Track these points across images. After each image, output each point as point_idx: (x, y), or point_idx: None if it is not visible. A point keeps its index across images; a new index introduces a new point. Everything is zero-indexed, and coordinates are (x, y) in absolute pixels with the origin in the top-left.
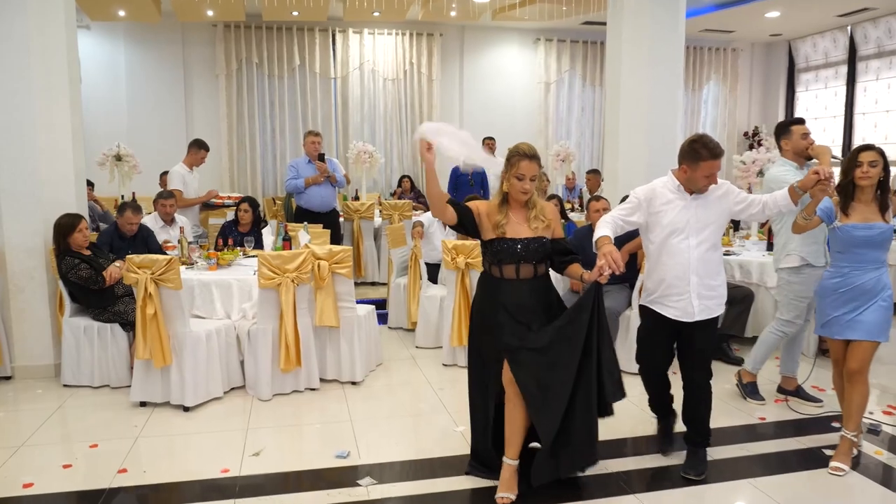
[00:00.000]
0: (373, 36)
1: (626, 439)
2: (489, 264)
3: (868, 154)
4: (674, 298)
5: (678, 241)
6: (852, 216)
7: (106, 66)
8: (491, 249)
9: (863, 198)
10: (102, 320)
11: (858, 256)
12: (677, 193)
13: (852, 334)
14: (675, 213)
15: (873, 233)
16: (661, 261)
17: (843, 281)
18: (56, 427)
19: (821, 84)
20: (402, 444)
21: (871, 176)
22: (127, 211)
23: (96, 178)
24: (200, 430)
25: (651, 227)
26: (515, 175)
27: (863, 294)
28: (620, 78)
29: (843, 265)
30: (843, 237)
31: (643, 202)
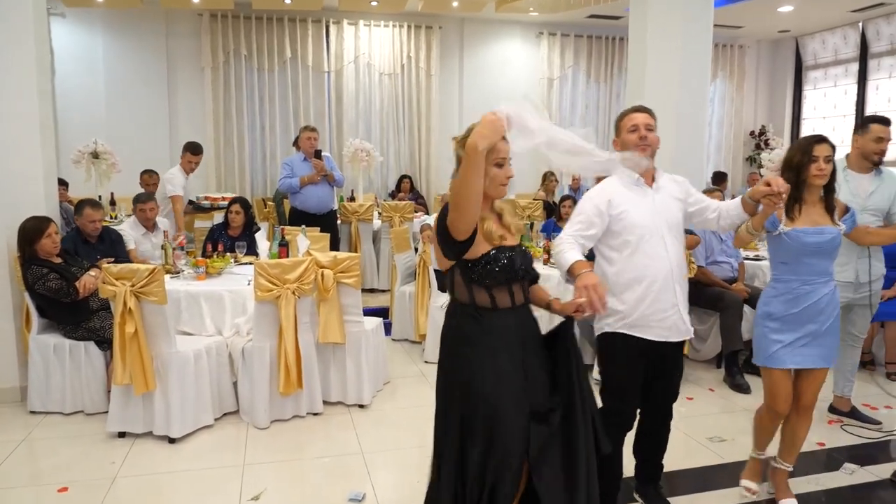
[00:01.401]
0: (369, 28)
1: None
2: (475, 289)
3: (824, 147)
4: (659, 315)
5: (654, 244)
6: (799, 220)
7: (82, 57)
8: (481, 267)
9: (809, 199)
10: (75, 338)
11: (808, 268)
12: (636, 188)
13: (809, 362)
14: (640, 210)
15: (824, 238)
16: (639, 273)
17: (796, 300)
18: (20, 465)
19: (830, 82)
20: (424, 481)
21: (826, 173)
22: (85, 208)
23: (71, 176)
24: (189, 467)
25: (615, 233)
26: (496, 161)
27: (819, 313)
28: (645, 70)
29: (790, 279)
30: (792, 245)
31: (600, 206)
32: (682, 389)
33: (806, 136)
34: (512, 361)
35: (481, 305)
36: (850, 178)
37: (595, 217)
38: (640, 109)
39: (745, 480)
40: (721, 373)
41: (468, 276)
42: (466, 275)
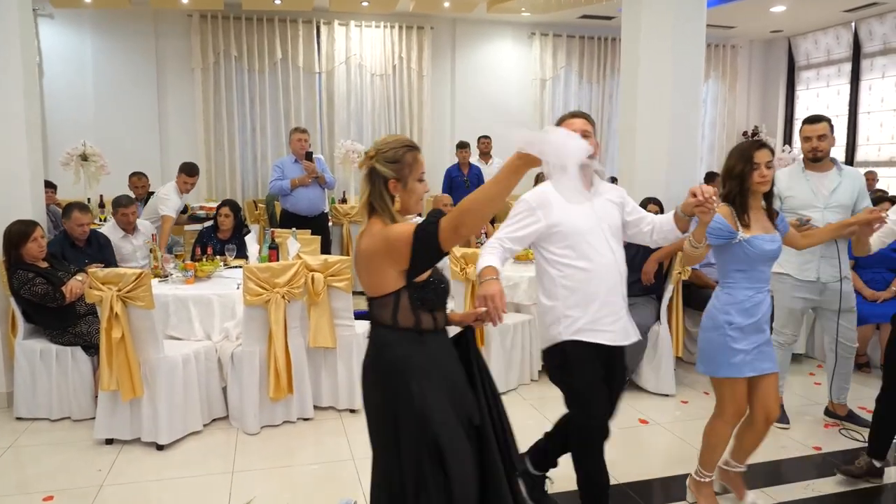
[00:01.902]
0: (360, 28)
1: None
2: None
3: (764, 153)
4: (610, 319)
5: (599, 247)
6: (753, 226)
7: (70, 59)
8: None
9: (755, 205)
10: (62, 343)
11: (760, 275)
12: None
13: (772, 366)
14: (580, 214)
15: (776, 246)
16: (585, 278)
17: (754, 308)
18: (6, 472)
19: (822, 82)
20: None
21: (770, 179)
22: (74, 211)
23: (60, 179)
24: (177, 475)
25: (557, 237)
26: (419, 176)
27: (764, 322)
28: (638, 70)
29: (746, 287)
30: (752, 252)
31: (537, 208)
32: (678, 392)
33: (743, 142)
34: (451, 378)
35: (426, 328)
36: (810, 178)
37: (528, 219)
38: (577, 115)
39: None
40: None
41: (418, 299)
42: (416, 298)
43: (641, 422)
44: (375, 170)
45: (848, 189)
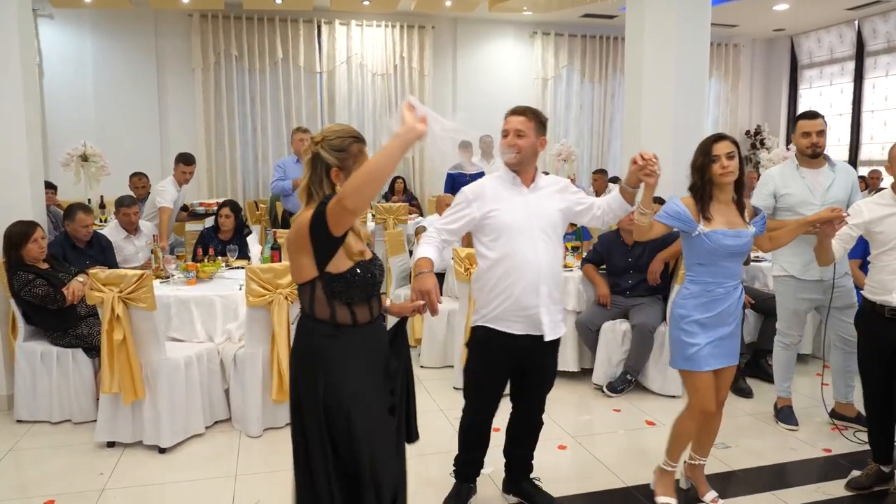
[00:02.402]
0: (361, 28)
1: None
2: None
3: (723, 145)
4: (521, 314)
5: (522, 243)
6: (715, 221)
7: (71, 59)
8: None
9: (722, 198)
10: (63, 345)
11: (723, 270)
12: (511, 188)
13: (731, 360)
14: (513, 209)
15: (741, 241)
16: (505, 271)
17: (713, 302)
18: (6, 476)
19: (825, 81)
20: (421, 491)
21: (732, 171)
22: (78, 213)
23: (60, 179)
24: (179, 478)
25: (487, 229)
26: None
27: (731, 314)
28: (642, 69)
29: (707, 281)
30: (711, 246)
31: (472, 201)
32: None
33: (708, 136)
34: (372, 377)
35: (342, 322)
36: (805, 175)
37: (464, 211)
38: (516, 112)
39: (662, 497)
40: None
41: (331, 291)
42: (329, 289)
43: (648, 423)
44: (319, 155)
45: (843, 185)
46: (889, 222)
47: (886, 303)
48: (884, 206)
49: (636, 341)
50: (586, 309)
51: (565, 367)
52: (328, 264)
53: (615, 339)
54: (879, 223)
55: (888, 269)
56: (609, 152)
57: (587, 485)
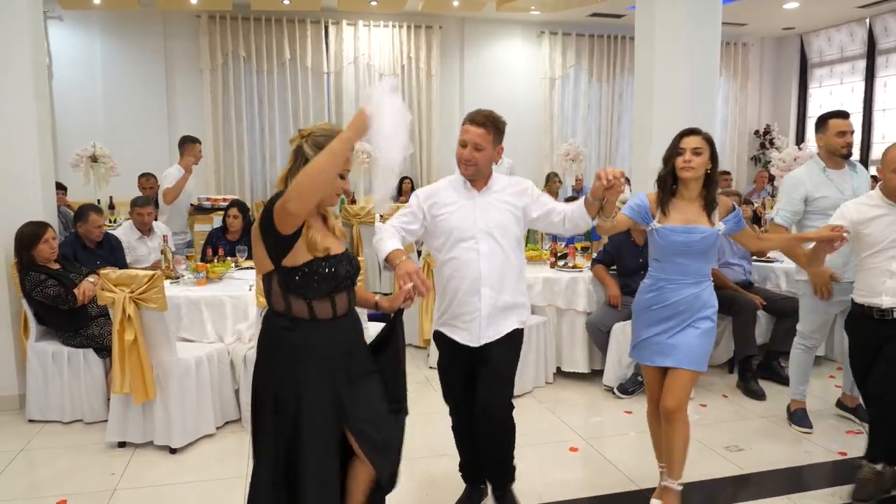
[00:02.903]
0: (368, 28)
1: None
2: (292, 299)
3: (692, 139)
4: (465, 318)
5: (466, 248)
6: (672, 216)
7: (80, 60)
8: (301, 276)
9: (686, 194)
10: (74, 345)
11: (678, 267)
12: (462, 191)
13: (664, 360)
14: (461, 212)
15: (693, 238)
16: (450, 274)
17: (658, 296)
18: (18, 475)
19: (836, 80)
20: (437, 497)
21: (693, 166)
22: (91, 214)
23: (70, 180)
24: (191, 479)
25: (436, 233)
26: (342, 172)
27: (678, 314)
28: (653, 69)
29: (659, 277)
30: (661, 242)
31: (423, 203)
32: (695, 395)
33: (682, 129)
34: (323, 374)
35: (298, 316)
36: (833, 178)
37: (417, 212)
38: (476, 122)
39: (655, 500)
40: (733, 378)
41: (286, 284)
42: (284, 283)
43: None
44: (302, 149)
45: (864, 185)
46: (877, 224)
47: (875, 305)
48: (872, 207)
49: None
50: (597, 310)
51: (575, 369)
52: (283, 258)
53: (626, 341)
54: (867, 224)
55: (876, 271)
56: (617, 152)
57: (599, 487)
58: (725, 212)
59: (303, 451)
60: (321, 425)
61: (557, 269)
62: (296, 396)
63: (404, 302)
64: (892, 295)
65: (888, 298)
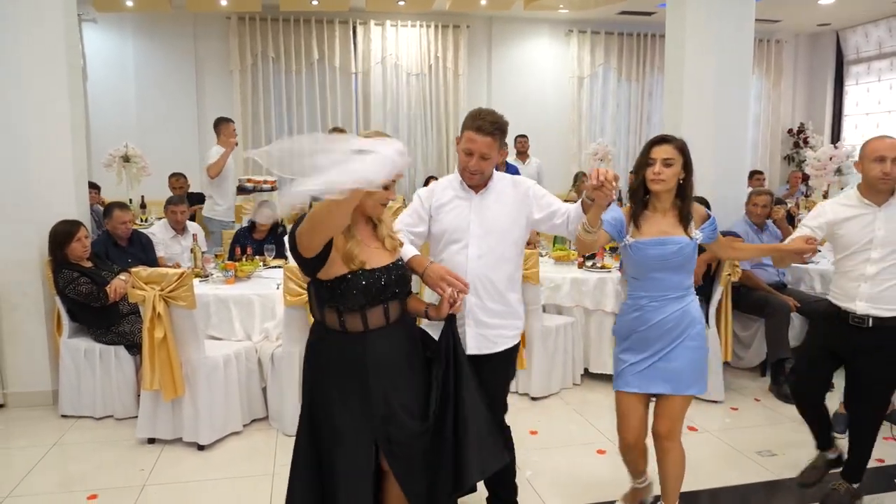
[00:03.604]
0: (396, 28)
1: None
2: (326, 311)
3: (662, 149)
4: (458, 322)
5: (456, 250)
6: (644, 229)
7: (113, 62)
8: (334, 289)
9: (659, 206)
10: (105, 342)
11: (657, 283)
12: (461, 191)
13: (661, 386)
14: (456, 213)
15: (669, 250)
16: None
17: (641, 317)
18: (51, 470)
19: (873, 76)
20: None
21: (664, 178)
22: (115, 211)
23: (103, 180)
24: (218, 475)
25: (433, 235)
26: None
27: (665, 334)
28: (683, 67)
29: (640, 295)
30: (636, 258)
31: (426, 203)
32: (727, 399)
33: (653, 137)
34: (353, 387)
35: (330, 327)
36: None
37: (420, 214)
38: (483, 130)
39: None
40: (766, 381)
41: (320, 296)
42: (320, 294)
43: (690, 429)
44: None
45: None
46: (851, 225)
47: (850, 310)
48: (848, 207)
49: None
50: None
51: (603, 370)
52: (318, 272)
53: None
54: (842, 226)
55: (850, 275)
56: None
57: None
58: (701, 220)
59: (334, 464)
60: (352, 440)
61: (586, 270)
62: (325, 408)
63: (452, 307)
64: (866, 300)
65: (863, 304)
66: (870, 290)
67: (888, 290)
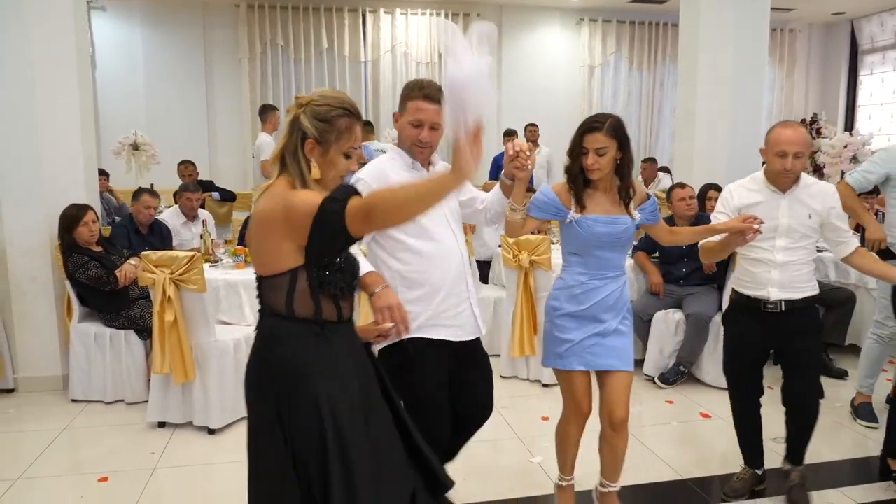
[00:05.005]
0: (405, 16)
1: None
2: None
3: (594, 138)
4: (451, 313)
5: (442, 234)
6: (591, 207)
7: (122, 50)
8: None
9: (600, 185)
10: (115, 326)
11: (600, 261)
12: (414, 173)
13: (609, 363)
14: None
15: (617, 229)
16: (429, 265)
17: (584, 295)
18: (61, 453)
19: (888, 66)
20: (471, 479)
21: (600, 167)
22: (144, 195)
23: (112, 168)
24: (229, 459)
25: None
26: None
27: (606, 311)
28: (698, 55)
29: (580, 272)
30: (583, 234)
31: (372, 185)
32: None
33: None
34: (360, 382)
35: (328, 320)
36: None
37: None
38: (431, 98)
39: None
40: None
41: (317, 282)
42: (315, 281)
43: (703, 416)
44: (299, 120)
45: None
46: (757, 210)
47: (762, 298)
48: (754, 191)
49: (690, 332)
50: (638, 298)
51: None
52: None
53: (668, 330)
54: (749, 210)
55: (760, 262)
56: (658, 141)
57: (641, 476)
58: (640, 200)
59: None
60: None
61: None
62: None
63: (376, 338)
64: (778, 287)
65: (775, 290)
66: (780, 276)
67: (796, 274)
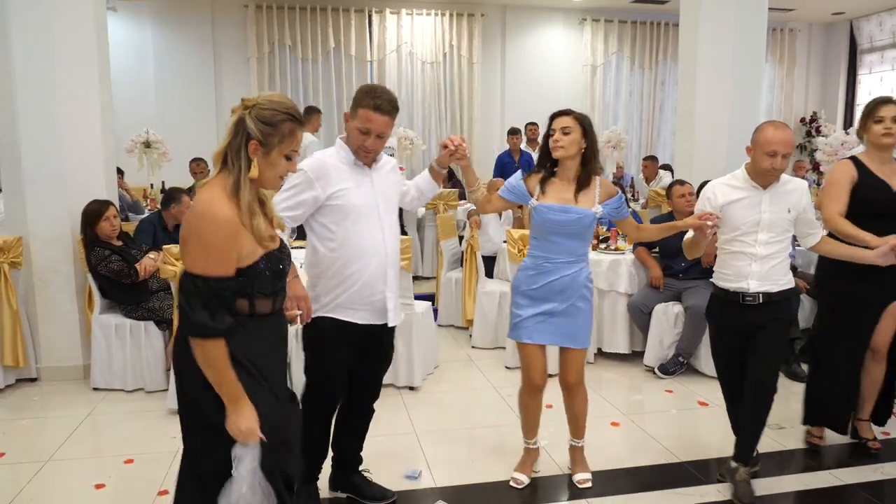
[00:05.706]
0: (411, 17)
1: None
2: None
3: (561, 119)
4: (367, 300)
5: (371, 226)
6: (549, 195)
7: (133, 50)
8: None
9: (564, 175)
10: (135, 318)
11: (554, 246)
12: (355, 168)
13: (555, 339)
14: (360, 189)
15: (569, 217)
16: (353, 253)
17: (537, 276)
18: (86, 438)
19: (887, 65)
20: (477, 462)
21: (563, 145)
22: (184, 197)
23: (125, 166)
24: None
25: (331, 210)
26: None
27: (555, 294)
28: (697, 54)
29: (538, 255)
30: (538, 220)
31: (315, 181)
32: None
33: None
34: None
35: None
36: None
37: (306, 193)
38: (381, 110)
39: (516, 473)
40: None
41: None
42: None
43: (700, 404)
44: (244, 122)
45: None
46: (738, 206)
47: (742, 290)
48: (736, 188)
49: (689, 324)
50: (638, 291)
51: (616, 349)
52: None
53: (667, 322)
54: (731, 207)
55: (740, 255)
56: (658, 139)
57: (641, 459)
58: (607, 196)
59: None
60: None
61: (600, 252)
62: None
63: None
64: (758, 279)
65: (755, 283)
66: (760, 268)
67: (775, 267)
